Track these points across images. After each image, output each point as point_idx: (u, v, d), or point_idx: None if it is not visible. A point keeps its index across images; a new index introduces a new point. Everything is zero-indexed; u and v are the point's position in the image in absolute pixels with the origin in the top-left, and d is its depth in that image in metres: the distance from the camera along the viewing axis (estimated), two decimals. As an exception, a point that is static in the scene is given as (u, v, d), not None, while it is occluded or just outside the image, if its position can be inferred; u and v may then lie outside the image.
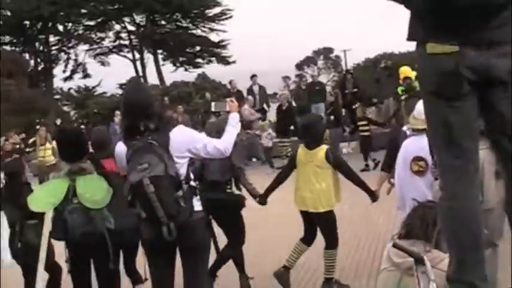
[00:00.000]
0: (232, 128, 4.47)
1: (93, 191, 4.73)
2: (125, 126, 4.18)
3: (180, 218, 3.92)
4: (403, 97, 12.92)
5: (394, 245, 3.46)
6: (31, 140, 16.86)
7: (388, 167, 6.19)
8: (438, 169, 2.78)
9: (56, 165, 13.81)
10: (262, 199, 6.48)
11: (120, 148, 4.24)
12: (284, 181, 6.56)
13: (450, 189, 2.64)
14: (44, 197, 4.96)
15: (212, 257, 4.75)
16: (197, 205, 4.14)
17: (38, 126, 17.12)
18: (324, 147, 6.35)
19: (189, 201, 4.03)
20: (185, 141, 4.21)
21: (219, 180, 6.12)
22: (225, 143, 4.37)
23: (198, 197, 4.20)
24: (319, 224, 6.33)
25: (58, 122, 20.63)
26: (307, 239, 6.42)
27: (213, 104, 5.00)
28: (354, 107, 16.35)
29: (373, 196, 6.31)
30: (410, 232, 3.61)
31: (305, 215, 6.41)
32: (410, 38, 2.61)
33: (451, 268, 2.75)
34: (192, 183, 4.18)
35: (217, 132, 5.02)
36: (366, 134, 15.24)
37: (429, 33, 2.49)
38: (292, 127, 16.30)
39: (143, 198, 3.86)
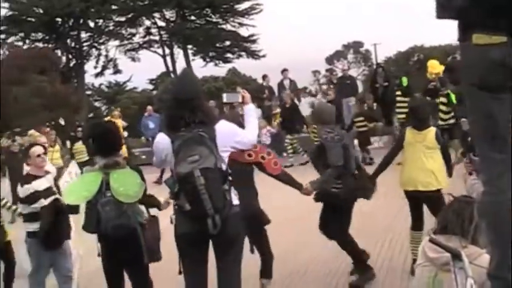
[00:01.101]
0: (255, 119, 4.57)
1: (127, 185, 4.77)
2: (171, 117, 4.19)
3: (225, 212, 3.94)
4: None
5: (430, 240, 3.43)
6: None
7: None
8: (481, 163, 2.71)
9: (62, 169, 13.89)
10: (372, 180, 6.51)
11: (162, 139, 4.24)
12: (391, 162, 6.66)
13: (494, 183, 2.55)
14: (78, 190, 5.03)
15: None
16: (235, 198, 4.17)
17: (47, 129, 16.68)
18: (433, 129, 6.53)
19: (229, 195, 4.06)
20: (229, 135, 4.23)
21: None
22: (254, 135, 4.51)
23: (236, 191, 4.21)
24: (429, 203, 6.33)
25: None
26: (418, 225, 6.43)
27: (224, 95, 4.84)
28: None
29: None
30: (446, 227, 3.58)
31: (412, 197, 6.47)
32: (457, 34, 2.56)
33: (493, 264, 2.67)
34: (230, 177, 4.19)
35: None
36: (363, 129, 15.33)
37: (476, 24, 2.44)
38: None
39: (191, 190, 3.87)
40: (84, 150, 15.53)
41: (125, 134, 16.47)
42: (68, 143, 17.14)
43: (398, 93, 14.85)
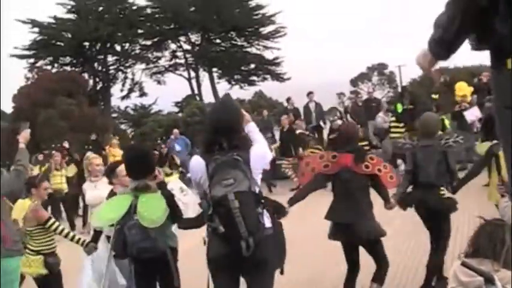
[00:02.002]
0: (261, 137, 4.60)
1: (152, 209, 4.81)
2: (208, 142, 4.28)
3: (258, 234, 3.99)
4: None
5: (463, 264, 3.43)
6: (44, 168, 15.14)
7: None
8: None
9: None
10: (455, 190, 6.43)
11: (198, 163, 4.29)
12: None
13: None
14: (105, 213, 5.10)
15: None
16: (267, 221, 4.19)
17: (53, 151, 16.07)
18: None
19: (263, 218, 4.10)
20: (263, 157, 4.29)
21: (433, 183, 6.18)
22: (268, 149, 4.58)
23: (268, 214, 4.23)
24: None
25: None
26: None
27: None
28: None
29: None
30: (477, 250, 3.57)
31: None
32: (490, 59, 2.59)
33: None
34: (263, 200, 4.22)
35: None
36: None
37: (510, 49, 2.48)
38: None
39: (225, 213, 3.91)
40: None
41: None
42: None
43: (393, 118, 15.35)
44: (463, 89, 14.58)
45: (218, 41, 47.05)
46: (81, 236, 6.41)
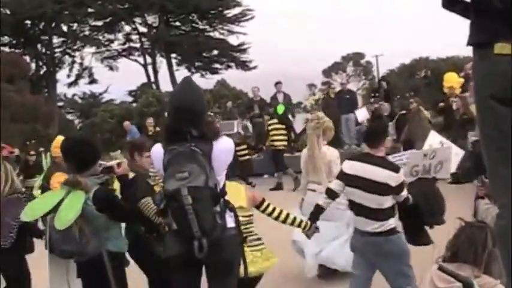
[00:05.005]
0: None
1: (69, 209, 4.74)
2: (169, 129, 4.26)
3: (213, 235, 3.98)
4: None
5: (440, 268, 3.48)
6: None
7: None
8: (494, 185, 2.75)
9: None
10: None
11: (157, 151, 4.28)
12: None
13: (510, 206, 2.60)
14: (35, 207, 5.06)
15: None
16: (230, 221, 4.20)
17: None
18: None
19: (223, 217, 4.10)
20: (226, 152, 4.25)
21: None
22: None
23: (232, 213, 4.25)
24: None
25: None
26: None
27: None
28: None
29: None
30: (456, 254, 3.63)
31: None
32: (472, 40, 2.64)
33: None
34: (227, 197, 4.24)
35: None
36: (245, 158, 15.99)
37: (498, 33, 2.51)
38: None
39: (178, 209, 3.91)
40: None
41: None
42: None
43: (275, 120, 15.74)
44: (450, 80, 14.70)
45: (178, 23, 46.82)
46: None
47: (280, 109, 16.44)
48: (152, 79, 46.08)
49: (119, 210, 4.97)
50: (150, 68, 46.64)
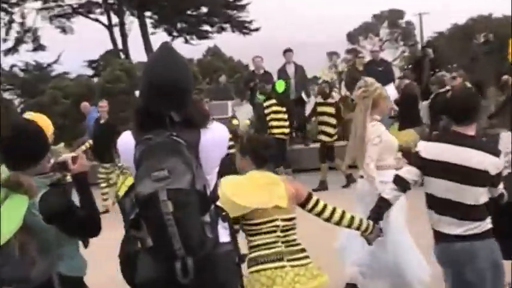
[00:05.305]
0: None
1: (6, 219, 4.54)
2: (143, 113, 4.19)
3: (201, 253, 3.92)
4: None
5: None
6: None
7: None
8: None
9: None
10: None
11: (126, 141, 4.24)
12: None
13: None
14: None
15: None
16: (224, 234, 4.19)
17: None
18: None
19: (215, 229, 4.05)
20: (219, 143, 4.26)
21: None
22: None
23: (226, 224, 4.23)
24: None
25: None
26: None
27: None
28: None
29: None
30: None
31: None
32: None
33: None
34: (218, 203, 4.21)
35: None
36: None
37: None
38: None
39: (154, 219, 3.82)
40: None
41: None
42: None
43: (273, 101, 15.61)
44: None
45: (153, -30, 46.82)
46: None
47: (280, 86, 16.38)
48: (120, 46, 46.00)
49: (74, 221, 4.88)
50: (116, 30, 46.39)
